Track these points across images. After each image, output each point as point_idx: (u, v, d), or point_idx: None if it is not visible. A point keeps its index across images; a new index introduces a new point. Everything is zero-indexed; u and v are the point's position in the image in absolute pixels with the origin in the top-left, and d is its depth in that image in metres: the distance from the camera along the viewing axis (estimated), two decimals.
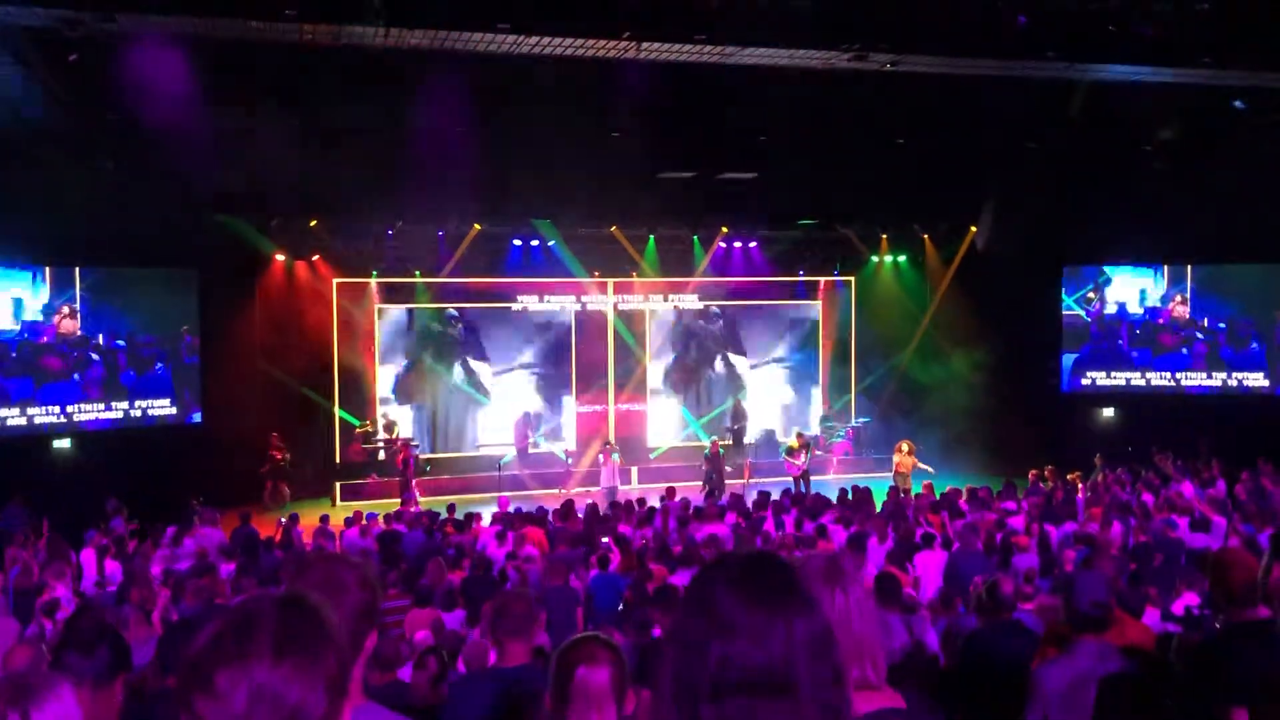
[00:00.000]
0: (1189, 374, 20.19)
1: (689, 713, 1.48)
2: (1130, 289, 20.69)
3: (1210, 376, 20.04)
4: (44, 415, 16.28)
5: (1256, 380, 19.75)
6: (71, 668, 2.86)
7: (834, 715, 1.49)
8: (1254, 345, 19.75)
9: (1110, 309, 20.72)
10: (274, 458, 18.63)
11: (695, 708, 1.48)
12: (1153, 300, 20.48)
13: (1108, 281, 20.77)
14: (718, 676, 1.47)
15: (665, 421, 22.70)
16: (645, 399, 22.53)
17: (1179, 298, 20.27)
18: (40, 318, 16.29)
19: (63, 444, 16.49)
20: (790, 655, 1.47)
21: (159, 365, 17.53)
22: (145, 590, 8.94)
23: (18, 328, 16.03)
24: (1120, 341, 20.63)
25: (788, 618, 1.50)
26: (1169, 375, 20.32)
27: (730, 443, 20.66)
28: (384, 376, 20.94)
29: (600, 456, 19.13)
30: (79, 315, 16.63)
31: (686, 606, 1.58)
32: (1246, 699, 3.51)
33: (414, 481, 18.11)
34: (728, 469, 18.70)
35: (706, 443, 19.40)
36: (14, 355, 15.99)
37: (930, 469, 17.60)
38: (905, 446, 17.88)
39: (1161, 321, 20.36)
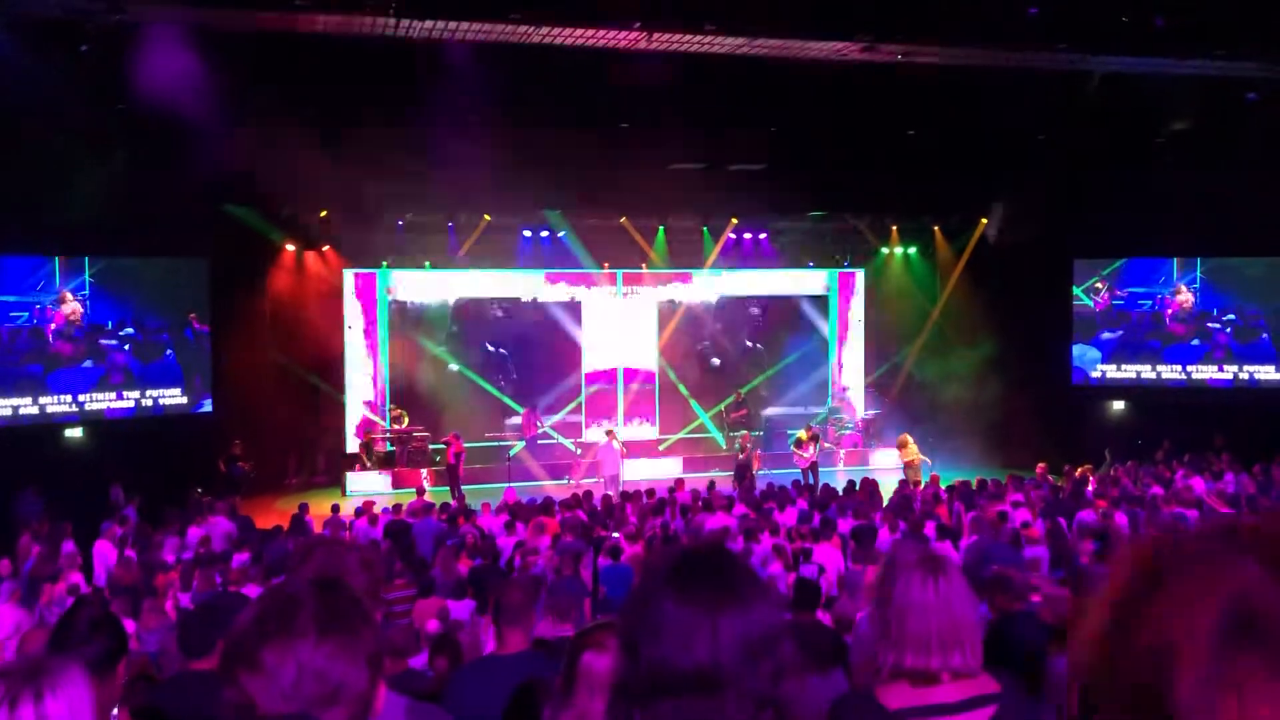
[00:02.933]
0: (1200, 367, 20.11)
1: (624, 713, 1.47)
2: (1139, 281, 20.62)
3: (1222, 369, 19.97)
4: (56, 404, 16.35)
5: (1268, 374, 19.68)
6: (74, 655, 2.89)
7: (770, 712, 1.46)
8: (1264, 338, 19.67)
9: (1119, 300, 20.66)
10: (233, 464, 17.58)
11: (629, 711, 1.46)
12: (1161, 292, 20.41)
13: (1118, 272, 20.70)
14: (649, 679, 1.45)
15: (674, 413, 22.69)
16: (654, 390, 22.52)
17: (1182, 287, 20.19)
18: (50, 305, 16.34)
19: (75, 433, 16.56)
20: (715, 655, 1.43)
21: (169, 353, 17.58)
22: (162, 578, 9.00)
23: (25, 315, 16.07)
24: (1122, 332, 20.55)
25: (714, 616, 1.45)
26: (1179, 368, 20.25)
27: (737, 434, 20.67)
28: (393, 366, 20.96)
29: (601, 445, 19.12)
30: (84, 301, 16.65)
31: (624, 609, 1.56)
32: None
33: (461, 476, 18.07)
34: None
35: (738, 436, 19.37)
36: (21, 341, 16.03)
37: (928, 460, 17.60)
38: (910, 439, 17.86)
39: (1171, 312, 20.28)
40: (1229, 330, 19.89)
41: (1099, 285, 20.79)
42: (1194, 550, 0.79)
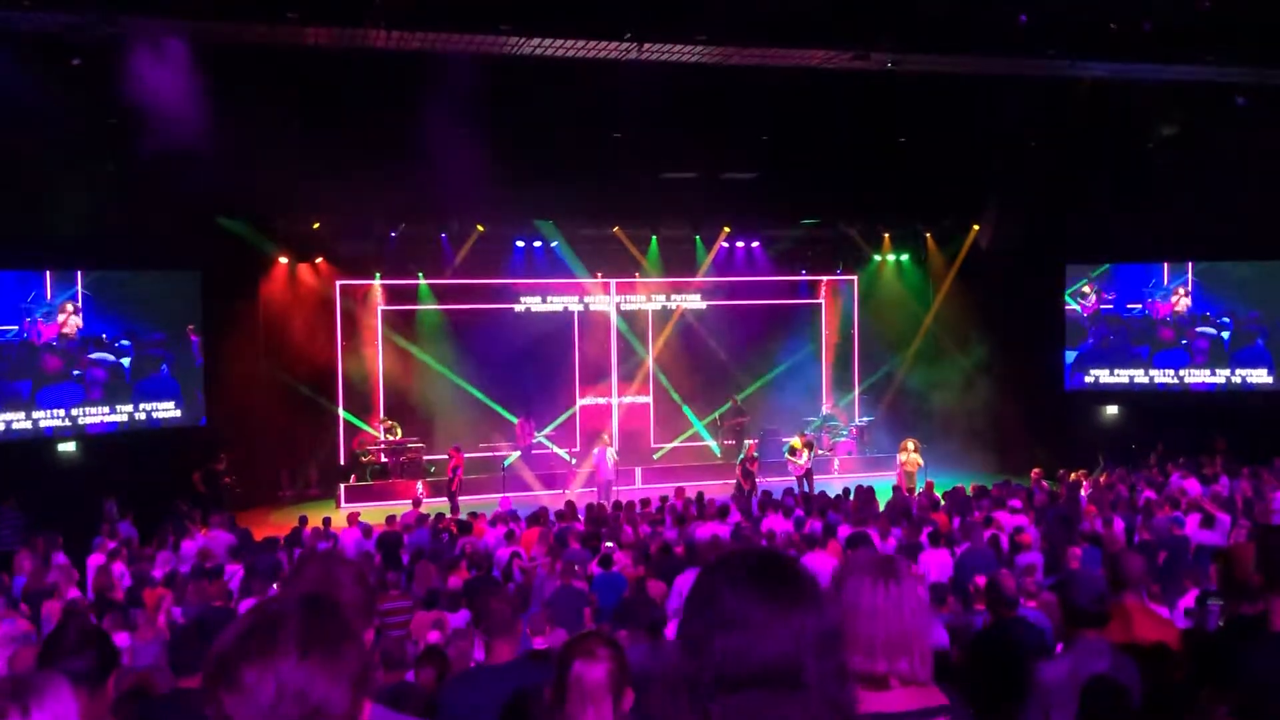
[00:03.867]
0: (1191, 371, 20.15)
1: (700, 709, 1.49)
2: (1128, 285, 20.67)
3: (1214, 373, 20.01)
4: (49, 419, 16.30)
5: (1260, 377, 19.72)
6: (63, 670, 2.88)
7: (839, 711, 1.49)
8: (1259, 342, 19.70)
9: (1107, 305, 20.71)
10: (214, 479, 17.28)
11: (704, 704, 1.48)
12: (1151, 296, 20.45)
13: (1107, 276, 20.75)
14: (721, 671, 1.47)
15: (668, 422, 22.70)
16: (648, 400, 22.53)
17: (1180, 290, 20.23)
18: (41, 318, 16.29)
19: (68, 447, 16.51)
20: (799, 650, 1.48)
21: (164, 366, 17.55)
22: (153, 592, 8.97)
23: (15, 328, 16.01)
24: (1114, 337, 20.59)
25: (796, 613, 1.50)
26: (1172, 372, 20.29)
27: (734, 442, 20.68)
28: (387, 378, 20.95)
29: (595, 451, 19.10)
30: (78, 312, 16.60)
31: (690, 603, 1.59)
32: (1234, 695, 3.51)
33: (458, 488, 18.03)
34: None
35: (743, 447, 19.34)
36: (11, 357, 15.97)
37: (920, 461, 17.62)
38: (911, 445, 17.87)
39: (1161, 317, 20.32)
40: (1224, 335, 19.92)
41: (1086, 289, 20.82)
42: None
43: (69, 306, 16.49)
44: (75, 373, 16.57)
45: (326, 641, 1.51)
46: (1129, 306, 20.59)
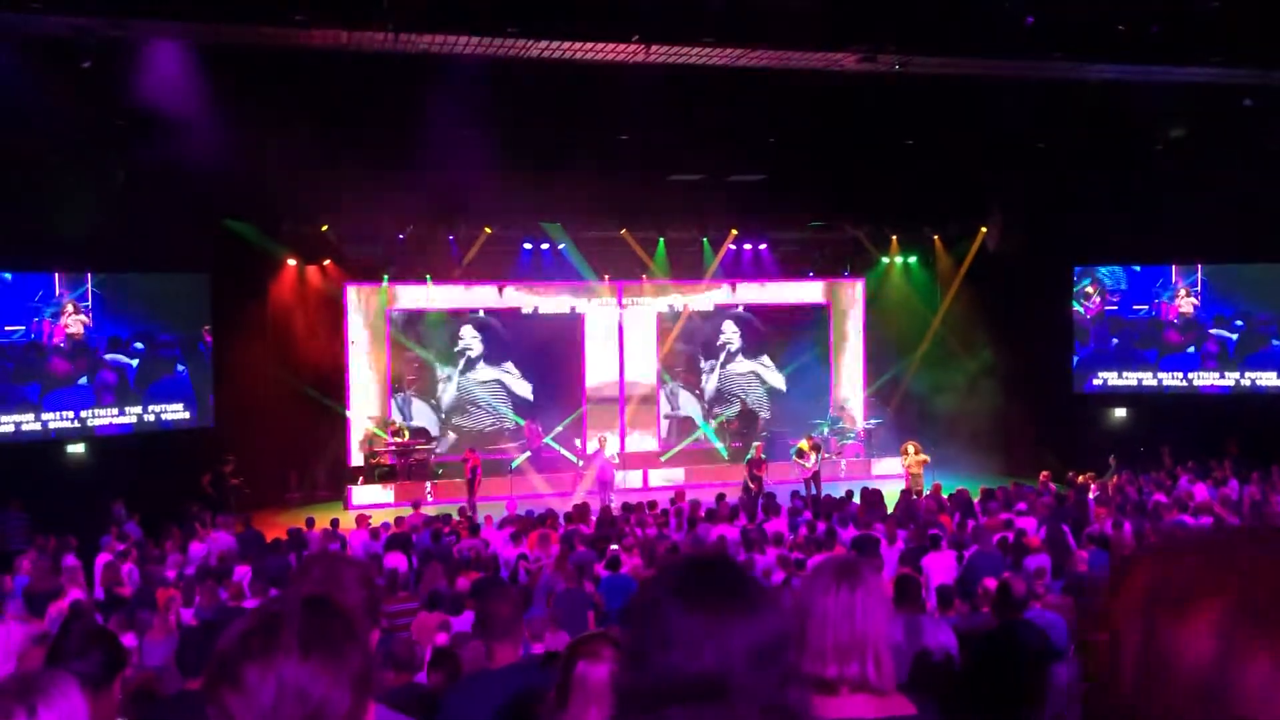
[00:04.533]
0: (1201, 374, 20.07)
1: None
2: (1134, 287, 20.60)
3: (1223, 376, 19.92)
4: (58, 420, 16.35)
5: (1270, 380, 19.63)
6: (69, 670, 2.89)
7: (781, 717, 1.47)
8: (1275, 344, 19.58)
9: (1111, 306, 20.66)
10: (222, 481, 17.31)
11: (635, 717, 1.47)
12: (1158, 298, 20.39)
13: (1111, 278, 20.68)
14: (655, 686, 1.45)
15: (675, 424, 22.72)
16: (656, 402, 22.54)
17: (1184, 291, 20.15)
18: (49, 319, 16.32)
19: (76, 449, 16.56)
20: (725, 661, 1.44)
21: (179, 369, 17.61)
22: (164, 593, 9.00)
23: (22, 328, 16.04)
24: (1117, 339, 20.53)
25: (723, 623, 1.46)
26: (1180, 375, 20.21)
27: (741, 445, 20.68)
28: (396, 380, 20.99)
29: (593, 452, 19.05)
30: (87, 312, 16.63)
31: (629, 617, 1.57)
32: None
33: (478, 490, 18.06)
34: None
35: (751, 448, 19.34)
36: (20, 358, 16.00)
37: (927, 457, 17.61)
38: (911, 448, 17.86)
39: (1170, 319, 20.23)
40: (1234, 337, 19.83)
41: (1089, 290, 20.76)
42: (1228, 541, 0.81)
43: (70, 307, 16.48)
44: (84, 375, 16.61)
45: (328, 641, 1.51)
46: (1135, 308, 20.52)
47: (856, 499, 14.20)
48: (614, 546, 10.82)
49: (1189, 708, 0.73)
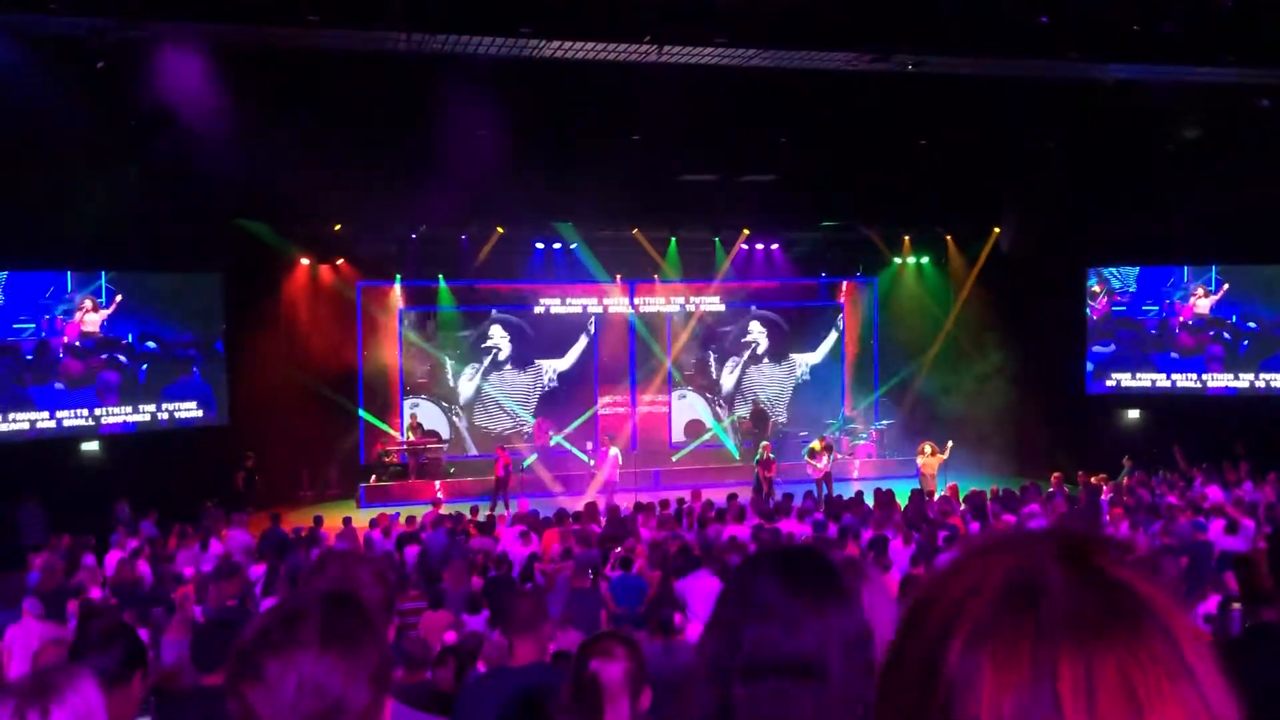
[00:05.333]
0: (1214, 376, 19.97)
1: (721, 692, 1.53)
2: (1144, 287, 20.53)
3: (1237, 378, 19.82)
4: (72, 418, 16.43)
5: None
6: (87, 666, 2.91)
7: (863, 708, 1.52)
8: None
9: (1120, 307, 20.59)
10: (240, 479, 17.66)
11: (728, 687, 1.53)
12: (1169, 298, 20.31)
13: (1118, 278, 20.61)
14: (750, 658, 1.52)
15: (688, 421, 22.72)
16: (668, 402, 22.55)
17: (1201, 290, 20.04)
18: (61, 317, 16.39)
19: (91, 446, 16.65)
20: (824, 645, 1.52)
21: (194, 368, 17.69)
22: (179, 591, 9.04)
23: (33, 326, 16.10)
24: (1125, 340, 20.47)
25: (824, 609, 1.55)
26: (1194, 377, 20.11)
27: (753, 445, 20.66)
28: (407, 379, 21.07)
29: (600, 451, 19.06)
30: (103, 310, 16.70)
31: (726, 591, 1.64)
32: (1246, 701, 3.49)
33: (510, 487, 18.20)
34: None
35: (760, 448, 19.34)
36: (34, 355, 16.07)
37: (943, 456, 17.62)
38: (928, 448, 17.83)
39: (1183, 320, 20.12)
40: (1244, 341, 19.72)
41: (1096, 289, 20.69)
42: (996, 540, 0.82)
43: (87, 303, 16.55)
44: (99, 373, 16.69)
45: (347, 636, 1.53)
46: (1144, 309, 20.43)
47: (868, 499, 14.20)
48: (618, 550, 10.81)
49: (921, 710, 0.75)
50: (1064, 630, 0.72)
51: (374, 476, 19.47)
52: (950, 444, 18.13)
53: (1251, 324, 19.68)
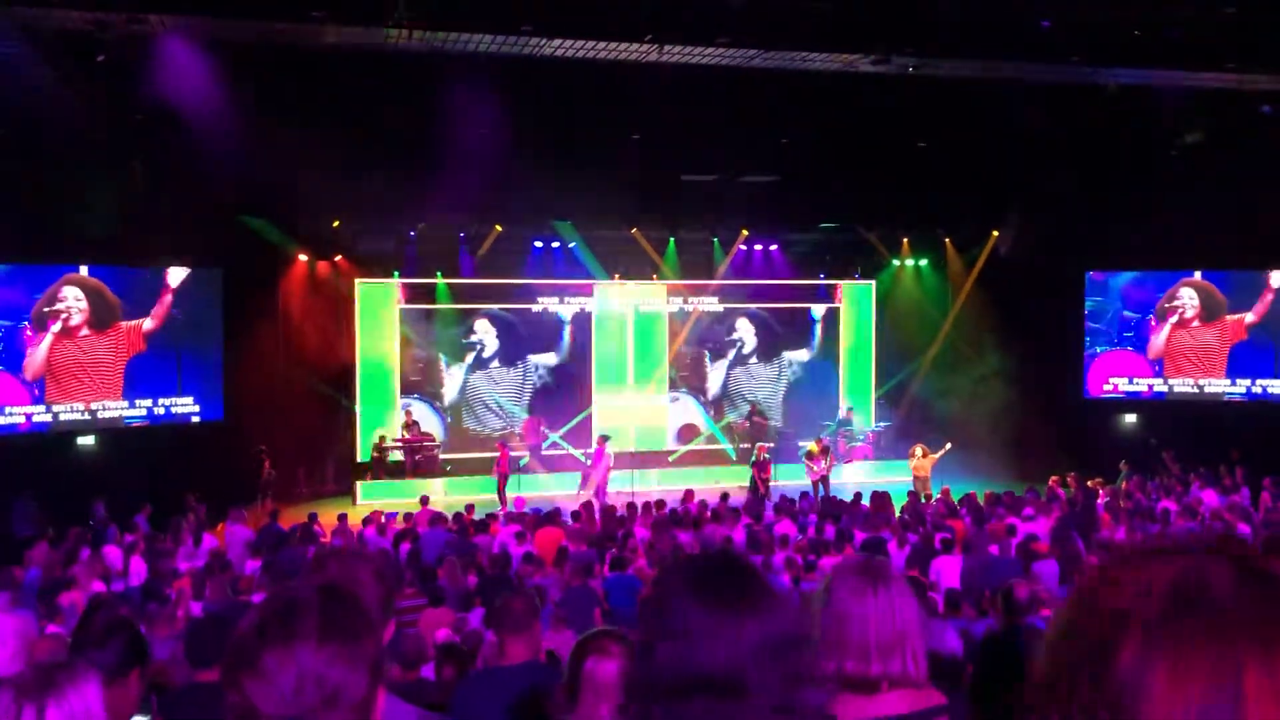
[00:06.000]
0: (1210, 380, 20.01)
1: (642, 712, 1.50)
2: (1146, 291, 20.60)
3: (1234, 383, 19.87)
4: (69, 412, 16.42)
5: (1278, 387, 19.57)
6: (87, 661, 2.90)
7: (791, 716, 1.49)
8: (1273, 352, 19.53)
9: (1107, 311, 20.68)
10: (266, 469, 18.11)
11: (648, 707, 1.49)
12: (1161, 304, 20.39)
13: (1121, 283, 20.68)
14: (668, 677, 1.48)
15: (684, 424, 22.71)
16: (665, 401, 22.54)
17: (1181, 294, 20.13)
18: (59, 310, 16.34)
19: (87, 440, 16.64)
20: (737, 658, 1.47)
21: (190, 362, 17.67)
22: (174, 586, 9.03)
23: (23, 321, 16.07)
24: (1120, 344, 20.54)
25: (737, 620, 1.50)
26: (1191, 381, 20.17)
27: (749, 445, 20.66)
28: (404, 376, 21.04)
29: (597, 450, 19.06)
30: (86, 303, 16.59)
31: (644, 607, 1.61)
32: None
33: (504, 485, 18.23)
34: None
35: (755, 448, 19.36)
36: (28, 349, 16.05)
37: (936, 458, 17.66)
38: (919, 450, 17.87)
39: (1182, 325, 20.17)
40: (1240, 343, 19.79)
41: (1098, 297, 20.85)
42: (1162, 544, 0.84)
43: (77, 298, 16.46)
44: (95, 367, 16.67)
45: (345, 628, 1.53)
46: (1126, 315, 20.52)
47: (865, 501, 14.21)
48: (614, 550, 10.81)
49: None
50: (1244, 631, 0.74)
51: (369, 474, 19.44)
52: (948, 445, 18.26)
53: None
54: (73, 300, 16.51)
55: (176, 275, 17.48)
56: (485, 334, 21.51)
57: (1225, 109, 16.23)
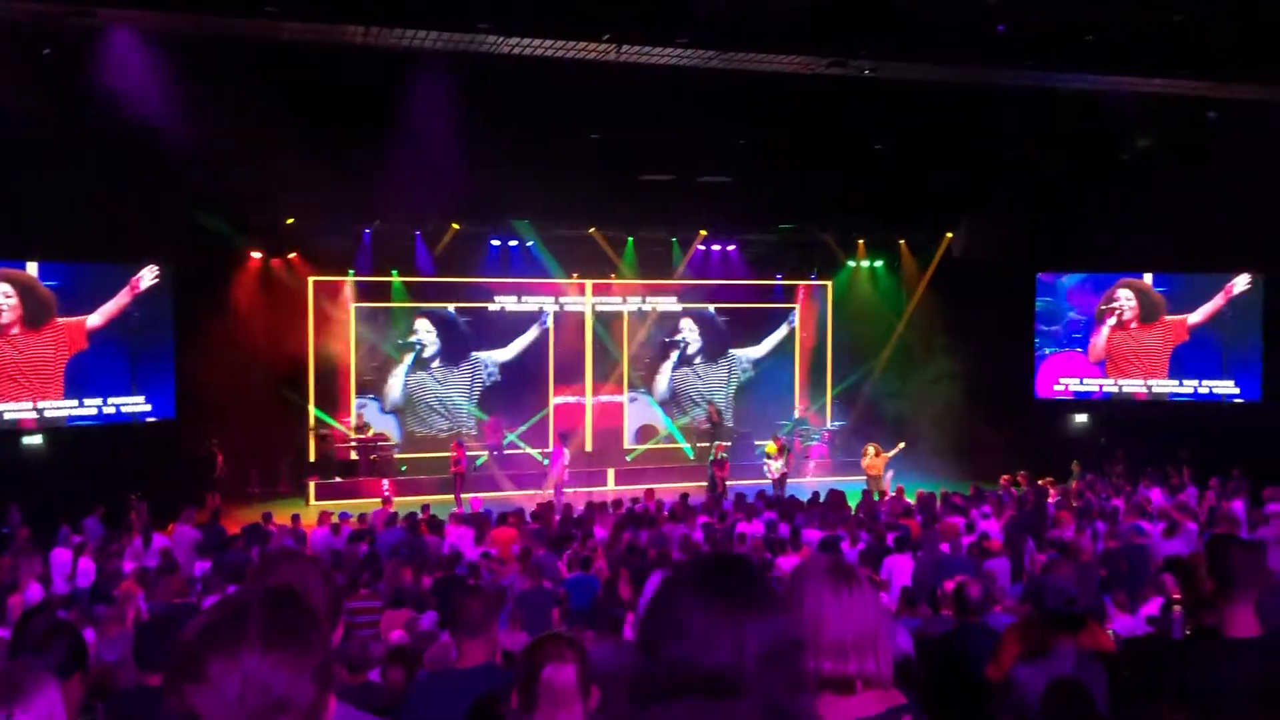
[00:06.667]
0: (1160, 381, 20.36)
1: (641, 711, 1.51)
2: (1080, 295, 20.94)
3: (1181, 384, 20.23)
4: (14, 411, 16.10)
5: (1227, 388, 19.95)
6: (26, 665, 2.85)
7: (783, 718, 1.50)
8: (1230, 353, 19.91)
9: (1057, 312, 21.01)
10: (219, 463, 18.00)
11: (647, 706, 1.50)
12: (1099, 306, 20.74)
13: (1069, 285, 20.99)
14: (669, 677, 1.49)
15: (642, 424, 22.72)
16: (622, 401, 22.53)
17: (1119, 294, 20.48)
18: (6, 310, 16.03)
19: (33, 440, 16.33)
20: (739, 659, 1.48)
21: (139, 360, 17.39)
22: (123, 588, 8.88)
23: None
24: (1069, 345, 20.87)
25: (739, 622, 1.51)
26: (1141, 382, 20.51)
27: (707, 445, 20.72)
28: (358, 375, 20.86)
29: (554, 450, 19.02)
30: (17, 299, 16.21)
31: (647, 608, 1.61)
32: (1191, 702, 3.55)
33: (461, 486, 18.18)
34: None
35: (711, 447, 19.41)
36: None
37: (888, 456, 17.81)
38: (872, 449, 18.05)
39: (1132, 327, 20.51)
40: (1185, 346, 20.17)
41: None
42: None
43: (6, 294, 16.09)
44: (40, 364, 16.36)
45: (291, 633, 1.51)
46: (1074, 317, 20.84)
47: (821, 499, 14.30)
48: (573, 548, 10.79)
49: None
50: None
51: (322, 473, 19.25)
52: (901, 445, 18.42)
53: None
54: (1, 298, 16.08)
55: (149, 274, 17.18)
56: (425, 334, 21.31)
57: (1176, 114, 16.51)
